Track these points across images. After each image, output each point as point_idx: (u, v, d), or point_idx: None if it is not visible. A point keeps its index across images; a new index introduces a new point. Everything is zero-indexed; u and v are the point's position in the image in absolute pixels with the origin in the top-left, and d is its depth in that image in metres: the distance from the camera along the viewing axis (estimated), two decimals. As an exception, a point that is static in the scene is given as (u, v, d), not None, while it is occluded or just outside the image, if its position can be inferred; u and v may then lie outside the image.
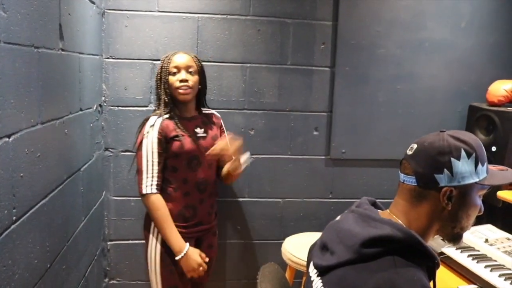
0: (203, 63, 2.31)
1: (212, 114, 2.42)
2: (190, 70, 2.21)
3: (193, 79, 2.21)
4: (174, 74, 2.19)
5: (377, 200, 1.39)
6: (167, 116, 2.20)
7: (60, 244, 1.87)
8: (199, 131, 2.26)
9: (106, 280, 2.85)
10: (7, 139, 1.34)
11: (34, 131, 1.55)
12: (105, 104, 2.67)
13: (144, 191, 2.12)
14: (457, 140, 1.21)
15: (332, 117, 2.88)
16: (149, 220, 2.22)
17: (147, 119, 2.20)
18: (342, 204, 2.95)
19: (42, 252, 1.64)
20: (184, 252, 2.13)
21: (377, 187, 2.94)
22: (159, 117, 2.18)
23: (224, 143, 2.18)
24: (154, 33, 2.65)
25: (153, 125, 2.15)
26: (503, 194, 2.47)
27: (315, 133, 2.90)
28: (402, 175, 1.28)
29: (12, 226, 1.37)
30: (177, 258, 2.13)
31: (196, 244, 2.30)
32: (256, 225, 2.95)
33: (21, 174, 1.44)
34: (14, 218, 1.39)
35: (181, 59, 2.21)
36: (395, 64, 2.86)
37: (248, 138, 2.82)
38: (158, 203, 2.12)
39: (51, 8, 1.71)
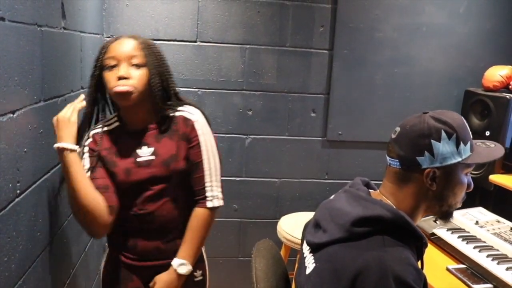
0: (204, 44, 2.18)
1: (181, 118, 1.70)
2: (133, 61, 1.59)
3: (138, 75, 1.59)
4: (111, 68, 1.60)
5: (372, 182, 1.43)
6: (103, 129, 1.72)
7: (61, 218, 1.91)
8: (144, 152, 1.66)
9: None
10: (11, 115, 1.37)
11: (37, 108, 1.58)
12: (105, 82, 2.70)
13: None
14: (437, 122, 1.24)
15: (329, 99, 2.91)
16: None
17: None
18: (337, 185, 2.99)
19: (44, 226, 1.68)
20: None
21: (372, 169, 2.97)
22: (93, 131, 1.73)
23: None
24: (155, 13, 2.67)
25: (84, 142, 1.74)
26: (494, 178, 2.52)
27: (313, 114, 2.94)
28: (388, 158, 1.32)
29: (17, 199, 1.41)
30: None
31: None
32: (253, 204, 3.00)
33: (25, 149, 1.47)
34: (18, 191, 1.43)
35: (121, 47, 1.60)
36: (393, 47, 2.89)
37: (246, 118, 2.86)
38: None
39: (54, -14, 1.73)
